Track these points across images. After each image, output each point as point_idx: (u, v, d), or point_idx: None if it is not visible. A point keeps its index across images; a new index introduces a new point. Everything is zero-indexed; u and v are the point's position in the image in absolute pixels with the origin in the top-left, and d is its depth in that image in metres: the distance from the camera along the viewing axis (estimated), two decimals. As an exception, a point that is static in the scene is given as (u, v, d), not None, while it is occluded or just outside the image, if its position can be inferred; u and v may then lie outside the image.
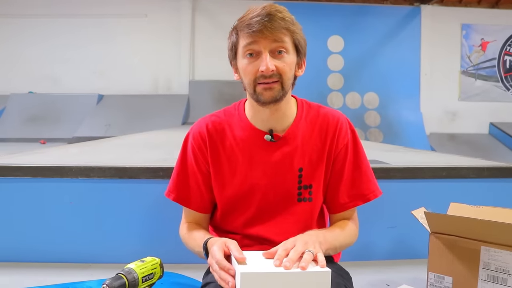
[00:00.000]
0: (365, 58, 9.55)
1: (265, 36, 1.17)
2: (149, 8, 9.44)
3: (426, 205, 1.50)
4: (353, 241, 1.35)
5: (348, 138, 1.32)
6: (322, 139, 1.30)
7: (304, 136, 1.30)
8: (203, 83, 9.20)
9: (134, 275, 1.10)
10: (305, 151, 1.29)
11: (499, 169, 1.93)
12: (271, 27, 1.17)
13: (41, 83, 9.19)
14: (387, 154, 2.90)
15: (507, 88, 9.89)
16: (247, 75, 1.22)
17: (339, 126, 1.31)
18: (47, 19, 9.24)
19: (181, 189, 1.34)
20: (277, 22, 1.17)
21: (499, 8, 9.79)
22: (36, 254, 1.72)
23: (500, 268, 1.22)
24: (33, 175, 1.75)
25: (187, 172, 1.33)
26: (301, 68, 1.29)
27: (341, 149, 1.31)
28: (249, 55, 1.21)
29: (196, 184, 1.33)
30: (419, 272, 1.50)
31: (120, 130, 7.18)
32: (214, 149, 1.31)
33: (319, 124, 1.31)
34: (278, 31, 1.18)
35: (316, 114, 1.33)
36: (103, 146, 3.28)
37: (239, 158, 1.29)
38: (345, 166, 1.31)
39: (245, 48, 1.21)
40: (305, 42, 1.28)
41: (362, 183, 1.33)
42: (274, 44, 1.19)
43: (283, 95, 1.23)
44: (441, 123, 9.73)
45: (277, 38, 1.18)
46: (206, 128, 1.32)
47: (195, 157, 1.32)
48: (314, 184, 1.30)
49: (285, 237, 1.25)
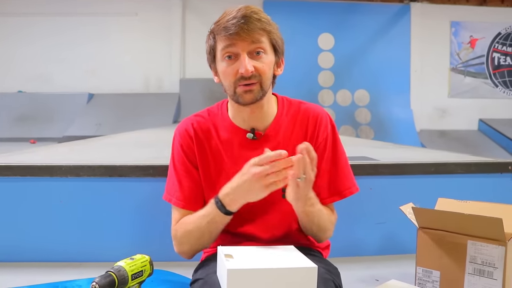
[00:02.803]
0: (355, 55, 9.57)
1: (242, 38, 1.19)
2: (139, 6, 9.39)
3: (415, 200, 1.51)
4: (328, 227, 1.33)
5: (328, 133, 1.34)
6: (303, 134, 1.32)
7: (285, 132, 1.32)
8: (194, 82, 9.17)
9: (123, 273, 1.10)
10: (287, 147, 1.29)
11: (486, 165, 1.95)
12: (247, 28, 1.18)
13: (31, 82, 9.10)
14: (376, 150, 2.92)
15: (496, 84, 9.97)
16: (227, 77, 1.24)
17: (319, 121, 1.33)
18: (37, 17, 9.16)
19: (179, 191, 1.32)
20: (253, 23, 1.19)
21: (487, 6, 9.86)
22: (25, 254, 1.72)
23: (486, 262, 1.24)
24: (22, 174, 1.74)
25: (182, 172, 1.33)
26: (280, 67, 1.32)
27: (320, 143, 1.33)
28: (227, 58, 1.23)
29: (192, 182, 1.32)
30: (408, 267, 1.52)
31: (111, 129, 7.14)
32: (201, 148, 1.31)
33: (300, 119, 1.33)
34: (255, 32, 1.20)
35: (297, 110, 1.35)
36: (93, 145, 3.27)
37: (224, 158, 1.31)
38: (322, 161, 1.32)
39: (223, 51, 1.22)
40: (282, 41, 1.30)
41: (338, 180, 1.34)
42: (252, 46, 1.21)
43: (262, 95, 1.25)
44: (431, 120, 9.78)
45: (254, 39, 1.20)
46: (193, 127, 1.33)
47: (186, 154, 1.32)
48: None
49: (271, 233, 1.28)
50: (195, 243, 1.28)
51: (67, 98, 8.77)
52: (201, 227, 1.24)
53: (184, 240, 1.29)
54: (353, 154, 2.08)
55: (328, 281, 1.15)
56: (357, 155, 2.21)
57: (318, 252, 1.38)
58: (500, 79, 9.96)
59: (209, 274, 1.19)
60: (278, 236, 1.31)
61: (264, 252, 1.15)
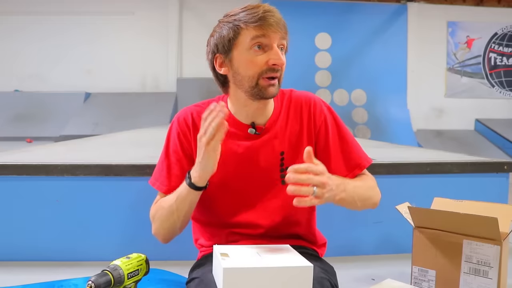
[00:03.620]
0: (352, 55, 9.59)
1: (275, 30, 1.20)
2: (136, 5, 9.38)
3: (411, 200, 1.52)
4: (372, 195, 1.33)
5: (325, 114, 1.35)
6: (298, 120, 1.34)
7: (281, 121, 1.33)
8: (191, 81, 9.16)
9: (119, 272, 1.10)
10: (284, 135, 1.32)
11: (482, 164, 1.96)
12: (279, 23, 1.21)
13: (28, 81, 9.08)
14: (373, 150, 2.92)
15: (492, 84, 10.00)
16: (252, 68, 1.23)
17: (313, 105, 1.35)
18: (33, 16, 9.13)
19: (166, 178, 1.33)
20: (282, 20, 1.23)
21: (484, 6, 9.90)
22: (21, 253, 1.71)
23: (482, 261, 1.25)
24: (18, 173, 1.74)
25: (173, 160, 1.33)
26: None
27: (320, 126, 1.34)
28: (257, 47, 1.22)
29: (181, 170, 1.32)
30: (404, 266, 1.52)
31: (107, 129, 7.13)
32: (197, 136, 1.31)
33: (293, 107, 1.35)
34: (284, 29, 1.23)
35: (289, 98, 1.37)
36: (90, 144, 3.26)
37: (222, 148, 1.30)
38: (329, 140, 1.33)
39: (254, 40, 1.21)
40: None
41: (353, 153, 1.35)
42: (281, 40, 1.23)
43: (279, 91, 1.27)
44: (428, 120, 9.81)
45: (283, 35, 1.23)
46: (191, 116, 1.33)
47: (180, 142, 1.32)
48: None
49: (272, 219, 1.28)
50: (165, 220, 1.27)
51: (64, 97, 8.75)
52: (172, 204, 1.24)
53: (156, 218, 1.30)
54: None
55: (324, 280, 1.15)
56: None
57: (314, 250, 1.38)
58: (497, 79, 9.99)
59: (205, 273, 1.19)
60: (278, 222, 1.31)
61: (260, 251, 1.15)
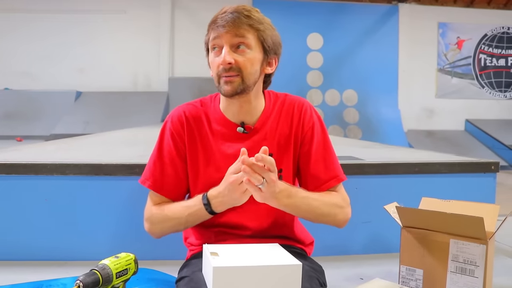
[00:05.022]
0: (344, 55, 9.63)
1: (226, 31, 1.23)
2: (128, 4, 9.36)
3: (399, 200, 1.53)
4: (336, 212, 1.32)
5: (314, 120, 1.37)
6: (289, 123, 1.35)
7: (272, 123, 1.35)
8: (182, 80, 9.16)
9: (108, 271, 1.10)
10: (273, 137, 1.33)
11: (470, 165, 1.98)
12: (233, 22, 1.23)
13: (18, 79, 9.03)
14: (363, 150, 2.93)
15: (482, 85, 10.09)
16: (212, 68, 1.29)
17: (304, 110, 1.36)
18: (25, 14, 9.08)
19: (157, 176, 1.33)
20: (241, 19, 1.23)
21: (474, 7, 9.98)
22: (9, 252, 1.70)
23: (468, 260, 1.26)
24: (7, 172, 1.72)
25: (166, 159, 1.34)
26: (271, 66, 1.34)
27: (307, 131, 1.35)
28: (214, 49, 1.27)
29: (174, 171, 1.33)
30: (392, 265, 1.53)
31: (98, 128, 7.11)
32: (191, 135, 1.33)
33: (285, 110, 1.36)
34: (240, 27, 1.24)
35: (282, 102, 1.38)
36: (81, 143, 3.25)
37: (213, 148, 1.32)
38: (312, 146, 1.34)
39: (211, 43, 1.27)
40: (276, 42, 1.32)
41: (333, 164, 1.36)
42: (234, 39, 1.24)
43: (244, 89, 1.26)
44: (419, 120, 9.88)
45: (238, 33, 1.24)
46: (184, 115, 1.35)
47: (174, 142, 1.33)
48: (283, 168, 1.33)
49: (259, 222, 1.29)
50: (169, 228, 1.32)
51: (55, 96, 8.71)
52: (181, 217, 1.27)
53: (157, 223, 1.32)
54: (340, 153, 2.08)
55: (313, 279, 1.16)
56: (344, 154, 2.23)
57: (301, 249, 1.39)
58: (487, 80, 10.09)
59: (194, 272, 1.20)
60: (265, 224, 1.32)
61: (249, 249, 1.16)
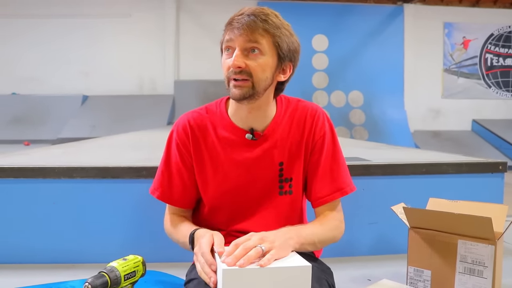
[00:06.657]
0: (349, 56, 9.61)
1: (240, 33, 1.19)
2: (133, 8, 9.39)
3: (407, 200, 1.53)
4: (335, 235, 1.32)
5: (325, 130, 1.34)
6: (300, 131, 1.32)
7: (283, 130, 1.32)
8: (188, 83, 9.18)
9: (116, 273, 1.11)
10: (284, 145, 1.30)
11: (477, 165, 1.97)
12: (248, 26, 1.18)
13: (25, 84, 9.08)
14: (370, 151, 2.93)
15: (489, 85, 10.03)
16: (224, 69, 1.25)
17: (316, 118, 1.33)
18: (31, 19, 9.13)
19: (166, 187, 1.35)
20: (257, 23, 1.19)
21: (480, 7, 9.93)
22: (18, 255, 1.71)
23: (476, 261, 1.26)
24: (15, 176, 1.74)
25: (173, 169, 1.34)
26: (285, 73, 1.29)
27: (317, 140, 1.32)
28: (226, 51, 1.24)
29: (181, 181, 1.33)
30: (399, 266, 1.53)
31: (105, 131, 7.13)
32: (196, 144, 1.32)
33: (297, 117, 1.33)
34: (255, 32, 1.19)
35: (295, 108, 1.35)
36: (87, 146, 3.26)
37: (221, 155, 1.30)
38: (322, 157, 1.32)
39: (225, 44, 1.24)
40: (293, 48, 1.28)
41: (340, 176, 1.33)
42: (247, 43, 1.20)
43: (253, 94, 1.23)
44: (425, 121, 9.84)
45: (252, 37, 1.19)
46: (189, 124, 1.33)
47: (180, 153, 1.33)
48: (294, 177, 1.32)
49: (268, 230, 1.28)
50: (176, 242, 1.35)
51: (61, 100, 8.75)
52: (178, 241, 1.32)
53: (168, 234, 1.38)
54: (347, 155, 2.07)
55: (322, 280, 1.16)
56: (351, 155, 2.23)
57: (310, 252, 1.38)
58: (493, 80, 10.03)
59: (204, 274, 1.20)
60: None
61: None
